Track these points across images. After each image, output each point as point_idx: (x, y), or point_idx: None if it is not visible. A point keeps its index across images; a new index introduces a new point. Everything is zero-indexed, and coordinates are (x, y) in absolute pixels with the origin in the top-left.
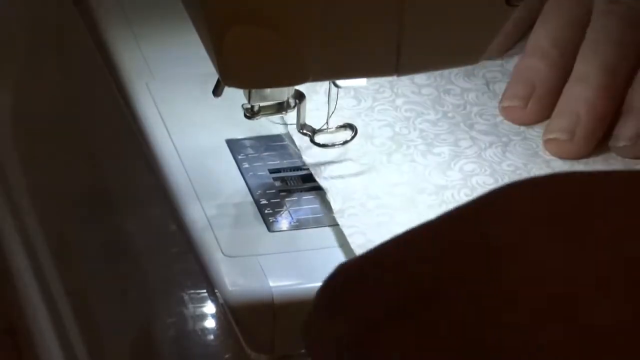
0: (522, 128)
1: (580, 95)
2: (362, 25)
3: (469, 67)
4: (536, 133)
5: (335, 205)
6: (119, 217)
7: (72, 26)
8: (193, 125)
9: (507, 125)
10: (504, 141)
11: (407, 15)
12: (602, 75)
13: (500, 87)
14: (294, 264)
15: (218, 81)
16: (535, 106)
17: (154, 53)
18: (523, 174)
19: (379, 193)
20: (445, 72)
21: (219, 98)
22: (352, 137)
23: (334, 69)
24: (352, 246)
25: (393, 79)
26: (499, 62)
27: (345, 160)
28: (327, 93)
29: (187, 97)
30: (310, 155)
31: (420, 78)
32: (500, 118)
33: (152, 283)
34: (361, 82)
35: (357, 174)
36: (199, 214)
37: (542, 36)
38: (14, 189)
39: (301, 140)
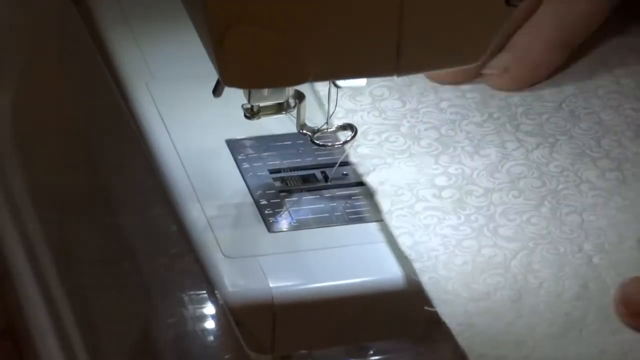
0: (568, 126)
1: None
2: (362, 25)
3: None
4: (582, 131)
5: (384, 206)
6: (119, 217)
7: (72, 26)
8: (193, 125)
9: (552, 125)
10: (550, 142)
11: (407, 15)
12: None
13: (544, 89)
14: (294, 265)
15: (218, 81)
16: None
17: (154, 53)
18: (570, 175)
19: (426, 195)
20: None
21: (219, 98)
22: (352, 137)
23: (334, 69)
24: (402, 247)
25: (436, 84)
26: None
27: (392, 162)
28: (327, 93)
29: (187, 97)
30: (359, 155)
31: (464, 85)
32: (545, 116)
33: (152, 283)
34: (361, 82)
35: (404, 176)
36: (199, 214)
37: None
38: (14, 189)
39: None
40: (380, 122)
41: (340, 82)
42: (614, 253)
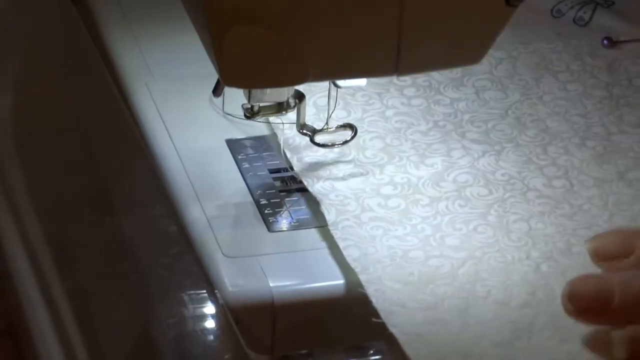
0: (515, 133)
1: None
2: (362, 25)
3: (457, 77)
4: (529, 139)
5: (329, 217)
6: (119, 217)
7: (72, 26)
8: (193, 125)
9: (498, 132)
10: (496, 149)
11: (407, 15)
12: None
13: (489, 95)
14: (294, 264)
15: (218, 81)
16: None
17: (154, 53)
18: (517, 183)
19: (372, 205)
20: (434, 83)
21: (219, 98)
22: (352, 137)
23: (334, 69)
24: (348, 259)
25: (382, 90)
26: (487, 69)
27: (337, 171)
28: (327, 93)
29: (187, 97)
30: (301, 166)
31: (409, 90)
32: (492, 123)
33: (152, 283)
34: (361, 82)
35: (350, 186)
36: (199, 214)
37: None
38: (14, 189)
39: (292, 152)
40: (326, 132)
41: (340, 82)
42: (561, 260)
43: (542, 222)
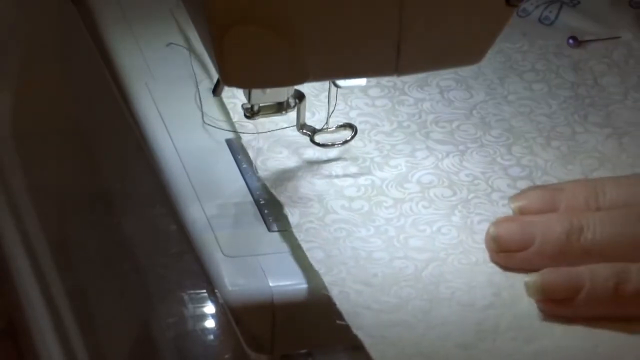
0: (479, 133)
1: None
2: (362, 25)
3: (422, 77)
4: (493, 139)
5: (292, 219)
6: (119, 217)
7: (72, 26)
8: (193, 125)
9: (463, 133)
10: (460, 149)
11: (407, 15)
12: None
13: (454, 95)
14: (294, 264)
15: (218, 81)
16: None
17: (154, 53)
18: (481, 183)
19: (336, 207)
20: (399, 83)
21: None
22: (352, 137)
23: (334, 69)
24: (312, 261)
25: (346, 91)
26: (452, 69)
27: (300, 174)
28: (327, 93)
29: (187, 97)
30: (267, 168)
31: (373, 90)
32: (456, 124)
33: (152, 283)
34: (361, 82)
35: (314, 188)
36: (199, 214)
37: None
38: (14, 189)
39: (256, 153)
40: (290, 134)
41: (340, 82)
42: None
43: None
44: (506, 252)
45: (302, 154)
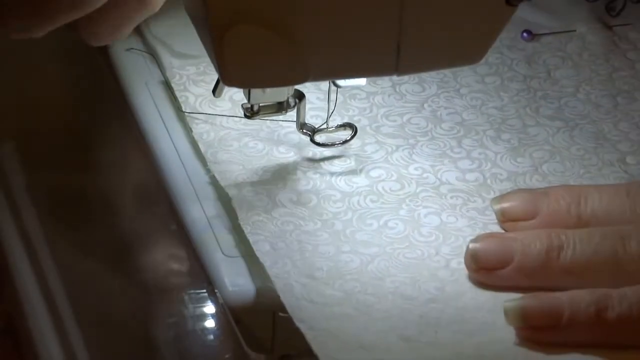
0: (430, 126)
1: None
2: (362, 25)
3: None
4: (444, 132)
5: (240, 213)
6: (119, 217)
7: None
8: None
9: (414, 126)
10: (410, 143)
11: (407, 15)
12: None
13: (406, 88)
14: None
15: (218, 81)
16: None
17: (154, 53)
18: (430, 176)
19: (284, 201)
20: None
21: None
22: (352, 137)
23: (334, 69)
24: (257, 254)
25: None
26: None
27: (251, 168)
28: (327, 93)
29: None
30: (215, 161)
31: (325, 84)
32: (407, 117)
33: (152, 283)
34: (361, 81)
35: (263, 182)
36: (199, 213)
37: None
38: (14, 189)
39: (206, 146)
40: (240, 127)
41: (340, 82)
42: None
43: (453, 216)
44: (484, 269)
45: (251, 148)
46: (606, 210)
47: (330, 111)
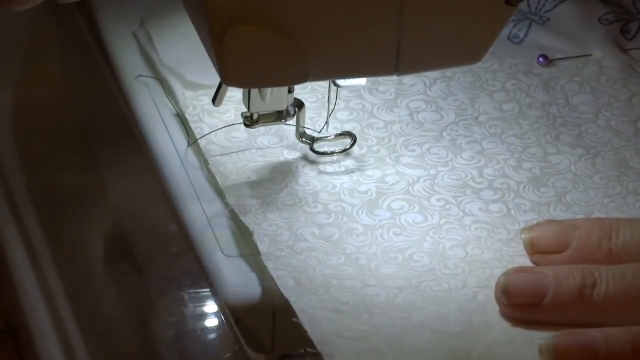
0: (450, 156)
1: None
2: (362, 25)
3: (391, 99)
4: (464, 161)
5: (262, 247)
6: (119, 216)
7: (72, 26)
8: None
9: (433, 156)
10: (431, 174)
11: (407, 15)
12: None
13: (424, 117)
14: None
15: (217, 90)
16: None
17: (154, 53)
18: (453, 208)
19: (305, 235)
20: (367, 105)
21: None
22: (351, 145)
23: (334, 69)
24: (282, 289)
25: (314, 115)
26: (422, 90)
27: (270, 200)
28: (327, 93)
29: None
30: (235, 195)
31: (342, 113)
32: (427, 146)
33: (152, 283)
34: (361, 81)
35: (282, 215)
36: (198, 213)
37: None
38: (14, 189)
39: (224, 179)
40: (256, 158)
41: (340, 82)
42: None
43: (478, 248)
44: (516, 305)
45: (269, 181)
46: (637, 245)
47: (330, 111)
